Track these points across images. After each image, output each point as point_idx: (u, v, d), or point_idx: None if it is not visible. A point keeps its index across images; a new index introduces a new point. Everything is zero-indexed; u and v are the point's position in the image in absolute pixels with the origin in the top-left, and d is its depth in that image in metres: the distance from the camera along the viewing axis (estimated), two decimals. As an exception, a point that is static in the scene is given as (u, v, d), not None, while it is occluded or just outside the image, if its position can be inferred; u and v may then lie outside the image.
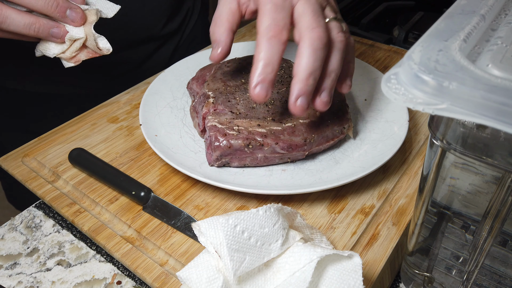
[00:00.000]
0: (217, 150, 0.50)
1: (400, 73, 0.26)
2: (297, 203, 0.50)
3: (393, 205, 0.50)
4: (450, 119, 0.31)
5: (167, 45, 0.85)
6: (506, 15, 0.32)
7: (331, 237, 0.46)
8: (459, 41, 0.27)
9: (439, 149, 0.34)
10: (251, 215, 0.36)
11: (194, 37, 0.91)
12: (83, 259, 0.50)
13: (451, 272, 0.41)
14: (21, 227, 0.54)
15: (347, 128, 0.55)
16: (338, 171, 0.52)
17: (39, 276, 0.48)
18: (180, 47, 0.88)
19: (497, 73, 0.26)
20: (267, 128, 0.51)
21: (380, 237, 0.46)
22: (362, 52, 0.80)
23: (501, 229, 0.35)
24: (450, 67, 0.25)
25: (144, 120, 0.58)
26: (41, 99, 0.77)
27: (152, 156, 0.57)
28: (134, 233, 0.48)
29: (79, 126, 0.62)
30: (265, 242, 0.36)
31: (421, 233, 0.40)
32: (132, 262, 0.45)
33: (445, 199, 0.38)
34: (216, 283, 0.35)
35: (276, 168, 0.53)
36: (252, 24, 0.90)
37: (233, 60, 0.64)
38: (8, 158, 0.57)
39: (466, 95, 0.24)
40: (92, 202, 0.51)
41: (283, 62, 0.64)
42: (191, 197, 0.51)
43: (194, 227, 0.37)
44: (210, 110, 0.54)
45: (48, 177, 0.55)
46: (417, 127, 0.61)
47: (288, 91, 0.57)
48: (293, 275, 0.35)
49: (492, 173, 0.34)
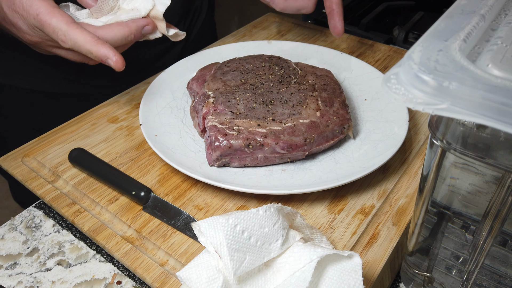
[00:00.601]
0: (217, 150, 0.50)
1: (400, 73, 0.26)
2: (297, 203, 0.50)
3: (393, 205, 0.50)
4: (450, 119, 0.31)
5: (177, 45, 0.85)
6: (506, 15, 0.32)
7: (331, 237, 0.46)
8: (459, 41, 0.27)
9: (439, 149, 0.34)
10: (251, 215, 0.36)
11: (202, 36, 0.91)
12: (83, 259, 0.50)
13: (451, 272, 0.41)
14: (21, 227, 0.54)
15: (347, 128, 0.55)
16: (338, 171, 0.52)
17: (39, 276, 0.48)
18: (188, 46, 0.88)
19: (497, 73, 0.26)
20: (267, 128, 0.51)
21: (380, 237, 0.46)
22: (362, 52, 0.80)
23: (501, 229, 0.35)
24: (450, 67, 0.25)
25: (144, 120, 0.58)
26: (52, 98, 0.77)
27: (152, 156, 0.57)
28: (134, 233, 0.48)
29: (79, 126, 0.62)
30: (265, 242, 0.36)
31: (421, 233, 0.40)
32: (132, 262, 0.45)
33: (445, 199, 0.37)
34: (216, 283, 0.35)
35: (276, 168, 0.53)
36: (252, 24, 0.90)
37: (233, 60, 0.64)
38: (8, 158, 0.57)
39: (466, 95, 0.24)
40: (92, 202, 0.51)
41: (283, 62, 0.64)
42: (191, 197, 0.51)
43: (194, 227, 0.37)
44: (210, 110, 0.54)
45: (48, 177, 0.55)
46: (417, 127, 0.61)
47: (288, 91, 0.57)
48: (293, 275, 0.35)
49: (492, 173, 0.34)
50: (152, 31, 0.59)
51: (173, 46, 0.85)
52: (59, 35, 0.51)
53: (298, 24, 0.89)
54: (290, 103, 0.55)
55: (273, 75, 0.60)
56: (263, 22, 0.91)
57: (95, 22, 0.57)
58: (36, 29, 0.52)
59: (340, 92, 0.59)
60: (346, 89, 0.66)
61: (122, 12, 0.57)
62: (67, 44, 0.51)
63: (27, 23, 0.52)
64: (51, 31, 0.51)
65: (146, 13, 0.57)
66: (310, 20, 0.97)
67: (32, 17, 0.51)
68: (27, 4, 0.50)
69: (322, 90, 0.58)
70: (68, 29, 0.50)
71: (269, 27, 0.89)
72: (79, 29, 0.51)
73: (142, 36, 0.58)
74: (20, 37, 0.55)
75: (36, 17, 0.50)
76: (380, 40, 0.86)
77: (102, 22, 0.57)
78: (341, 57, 0.72)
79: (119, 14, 0.57)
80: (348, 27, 0.92)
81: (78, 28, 0.51)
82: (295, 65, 0.64)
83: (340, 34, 0.68)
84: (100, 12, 0.57)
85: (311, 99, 0.56)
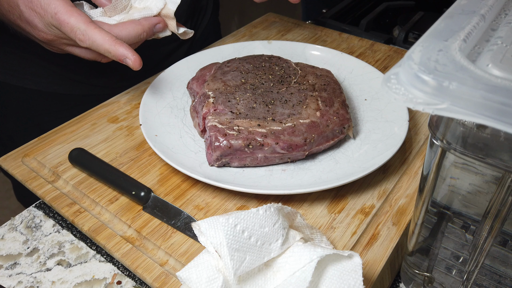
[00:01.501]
0: (217, 150, 0.50)
1: (400, 73, 0.26)
2: (297, 203, 0.50)
3: (393, 205, 0.50)
4: (450, 119, 0.31)
5: (183, 45, 0.85)
6: (506, 15, 0.32)
7: (331, 237, 0.46)
8: (459, 41, 0.27)
9: (439, 149, 0.34)
10: (251, 215, 0.36)
11: (208, 36, 0.91)
12: (83, 259, 0.50)
13: (451, 272, 0.41)
14: (21, 227, 0.54)
15: (347, 128, 0.55)
16: (338, 171, 0.52)
17: (39, 276, 0.48)
18: (194, 46, 0.88)
19: (497, 73, 0.26)
20: (267, 128, 0.51)
21: (380, 237, 0.46)
22: (362, 52, 0.80)
23: (501, 229, 0.35)
24: (450, 67, 0.25)
25: (144, 120, 0.58)
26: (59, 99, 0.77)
27: (152, 156, 0.57)
28: (134, 233, 0.48)
29: (79, 126, 0.62)
30: (265, 242, 0.36)
31: (421, 233, 0.40)
32: (132, 262, 0.45)
33: (445, 199, 0.38)
34: (216, 283, 0.35)
35: (276, 168, 0.53)
36: (252, 24, 0.90)
37: (233, 60, 0.64)
38: (8, 158, 0.57)
39: (466, 95, 0.24)
40: (92, 202, 0.51)
41: (283, 62, 0.64)
42: (191, 197, 0.51)
43: (194, 227, 0.37)
44: (210, 110, 0.54)
45: (48, 177, 0.55)
46: (417, 127, 0.61)
47: (288, 91, 0.57)
48: (293, 275, 0.35)
49: (492, 173, 0.34)
50: (163, 29, 0.60)
51: (179, 47, 0.85)
52: (77, 34, 0.51)
53: (298, 24, 0.89)
54: (290, 103, 0.55)
55: (273, 75, 0.60)
56: (263, 22, 0.91)
57: (108, 20, 0.58)
58: (52, 27, 0.53)
59: (340, 92, 0.59)
60: (346, 89, 0.66)
61: (135, 10, 0.58)
62: (85, 43, 0.52)
63: (44, 21, 0.53)
64: (69, 30, 0.51)
65: (158, 11, 0.58)
66: (310, 20, 0.97)
67: (50, 15, 0.51)
68: (45, 2, 0.51)
69: (322, 90, 0.58)
70: (87, 28, 0.51)
71: (269, 27, 0.89)
72: (98, 28, 0.51)
73: (153, 34, 0.58)
74: (34, 35, 0.56)
75: (54, 15, 0.51)
76: (380, 40, 0.86)
77: (115, 20, 0.58)
78: (341, 57, 0.72)
79: (131, 13, 0.58)
80: (348, 27, 0.92)
81: (96, 27, 0.51)
82: (295, 65, 0.64)
83: (297, 0, 0.68)
84: (114, 11, 0.58)
85: (311, 99, 0.56)
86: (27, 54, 0.71)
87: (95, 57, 0.57)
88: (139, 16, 0.58)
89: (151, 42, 0.62)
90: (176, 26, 0.60)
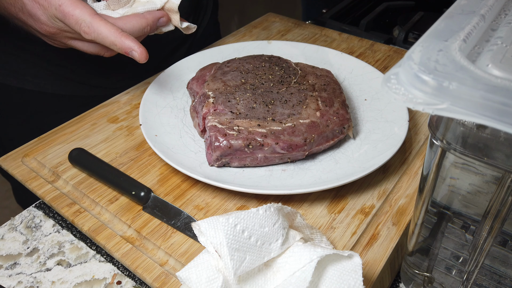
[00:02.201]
0: (217, 150, 0.50)
1: (400, 73, 0.26)
2: (297, 203, 0.50)
3: (393, 205, 0.50)
4: (450, 119, 0.31)
5: (183, 45, 0.85)
6: (506, 15, 0.32)
7: (331, 237, 0.46)
8: (459, 41, 0.27)
9: (439, 149, 0.34)
10: (251, 215, 0.36)
11: (208, 35, 0.91)
12: (83, 259, 0.50)
13: (451, 272, 0.41)
14: (21, 227, 0.54)
15: (347, 128, 0.55)
16: (338, 171, 0.52)
17: (39, 276, 0.48)
18: (194, 46, 0.88)
19: (497, 73, 0.26)
20: (267, 128, 0.51)
21: (380, 237, 0.46)
22: (362, 52, 0.80)
23: (501, 229, 0.35)
24: (450, 67, 0.25)
25: (144, 120, 0.58)
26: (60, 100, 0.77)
27: (152, 156, 0.57)
28: (134, 233, 0.48)
29: (79, 126, 0.62)
30: (265, 242, 0.36)
31: (421, 233, 0.40)
32: (132, 262, 0.45)
33: (445, 199, 0.38)
34: (216, 283, 0.35)
35: (276, 168, 0.53)
36: (252, 24, 0.90)
37: (233, 60, 0.64)
38: (8, 158, 0.57)
39: (466, 95, 0.24)
40: (92, 202, 0.51)
41: (283, 62, 0.64)
42: (191, 197, 0.51)
43: (194, 227, 0.37)
44: (210, 110, 0.54)
45: (48, 177, 0.55)
46: (417, 127, 0.61)
47: (288, 91, 0.57)
48: (293, 275, 0.35)
49: (492, 173, 0.34)
50: (166, 23, 0.59)
51: (179, 47, 0.85)
52: (82, 27, 0.51)
53: (298, 24, 0.89)
54: (290, 103, 0.55)
55: (273, 75, 0.60)
56: (263, 22, 0.91)
57: (112, 13, 0.57)
58: (56, 20, 0.52)
59: (340, 92, 0.59)
60: (346, 89, 0.66)
61: (138, 4, 0.58)
62: (90, 36, 0.51)
63: (48, 13, 0.52)
64: (74, 23, 0.51)
65: (161, 5, 0.58)
66: (310, 20, 0.97)
67: (54, 7, 0.51)
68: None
69: (322, 90, 0.58)
70: (92, 20, 0.50)
71: (269, 27, 0.89)
72: (103, 21, 0.51)
73: (156, 28, 0.58)
74: (36, 28, 0.55)
75: (58, 7, 0.51)
76: (380, 40, 0.86)
77: (119, 14, 0.58)
78: (341, 57, 0.72)
79: (135, 6, 0.58)
80: (348, 27, 0.92)
81: (101, 20, 0.51)
82: (295, 65, 0.64)
83: None
84: (117, 4, 0.58)
85: (311, 99, 0.56)
86: (27, 55, 0.71)
87: (99, 51, 0.57)
88: (143, 10, 0.57)
89: (151, 42, 0.61)
90: (179, 21, 0.60)
